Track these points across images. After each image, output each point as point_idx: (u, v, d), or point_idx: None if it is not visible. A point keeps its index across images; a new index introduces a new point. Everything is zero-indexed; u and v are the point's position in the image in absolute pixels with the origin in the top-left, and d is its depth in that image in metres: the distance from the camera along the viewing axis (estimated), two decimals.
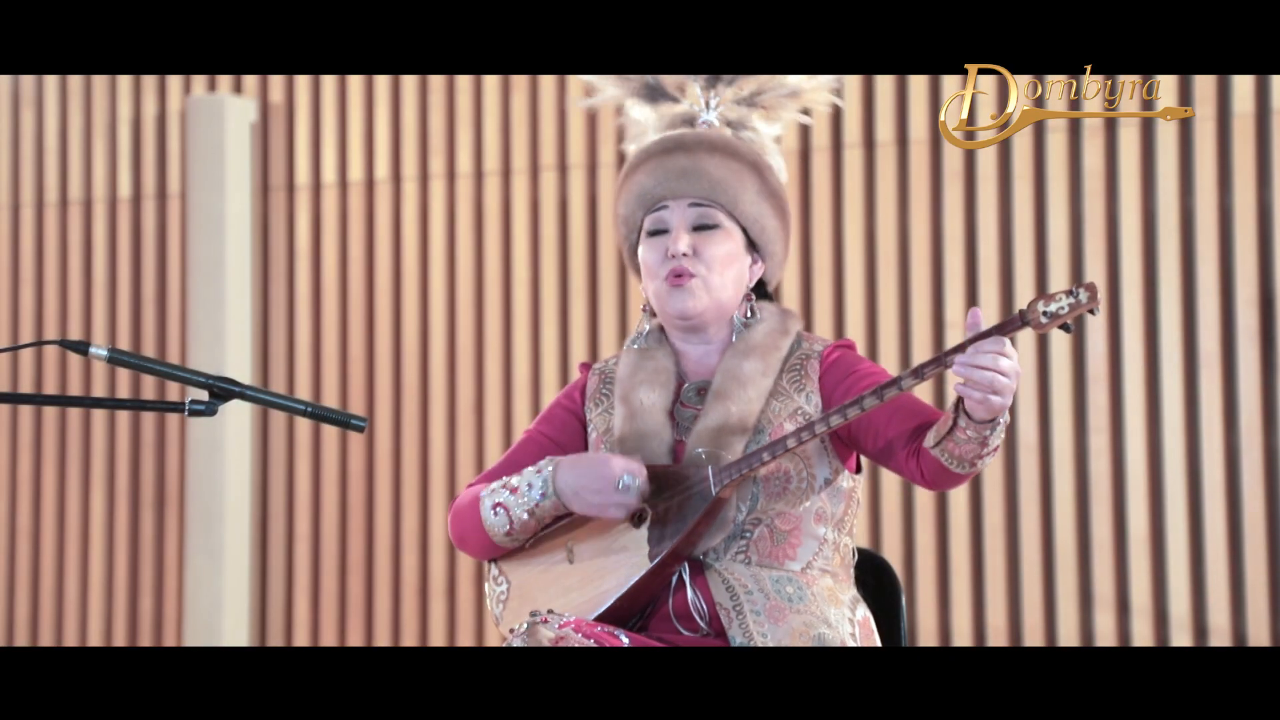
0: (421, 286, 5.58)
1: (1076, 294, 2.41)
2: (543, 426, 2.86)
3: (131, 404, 2.46)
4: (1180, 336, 4.77)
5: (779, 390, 2.72)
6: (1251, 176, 4.72)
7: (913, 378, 2.49)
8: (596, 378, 2.86)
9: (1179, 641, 4.72)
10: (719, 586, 2.62)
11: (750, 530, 2.66)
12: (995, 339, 2.41)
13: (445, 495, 5.49)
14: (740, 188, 2.76)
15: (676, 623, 2.64)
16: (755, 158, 2.82)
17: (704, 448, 2.66)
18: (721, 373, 2.73)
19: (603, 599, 2.64)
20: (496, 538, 2.73)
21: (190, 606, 5.59)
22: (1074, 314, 2.41)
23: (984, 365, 2.40)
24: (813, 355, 2.75)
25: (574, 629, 2.49)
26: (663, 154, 2.79)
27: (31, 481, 5.96)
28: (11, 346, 2.43)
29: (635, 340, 2.86)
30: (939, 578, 4.96)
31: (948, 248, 5.00)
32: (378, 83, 5.65)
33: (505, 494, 2.70)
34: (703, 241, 2.74)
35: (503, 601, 2.77)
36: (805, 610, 2.61)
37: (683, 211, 2.76)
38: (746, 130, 2.97)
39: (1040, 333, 2.48)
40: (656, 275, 2.77)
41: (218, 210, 5.64)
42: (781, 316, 2.81)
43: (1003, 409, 2.43)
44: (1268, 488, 4.69)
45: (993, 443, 2.48)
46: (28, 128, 6.06)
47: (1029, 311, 2.43)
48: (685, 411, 2.75)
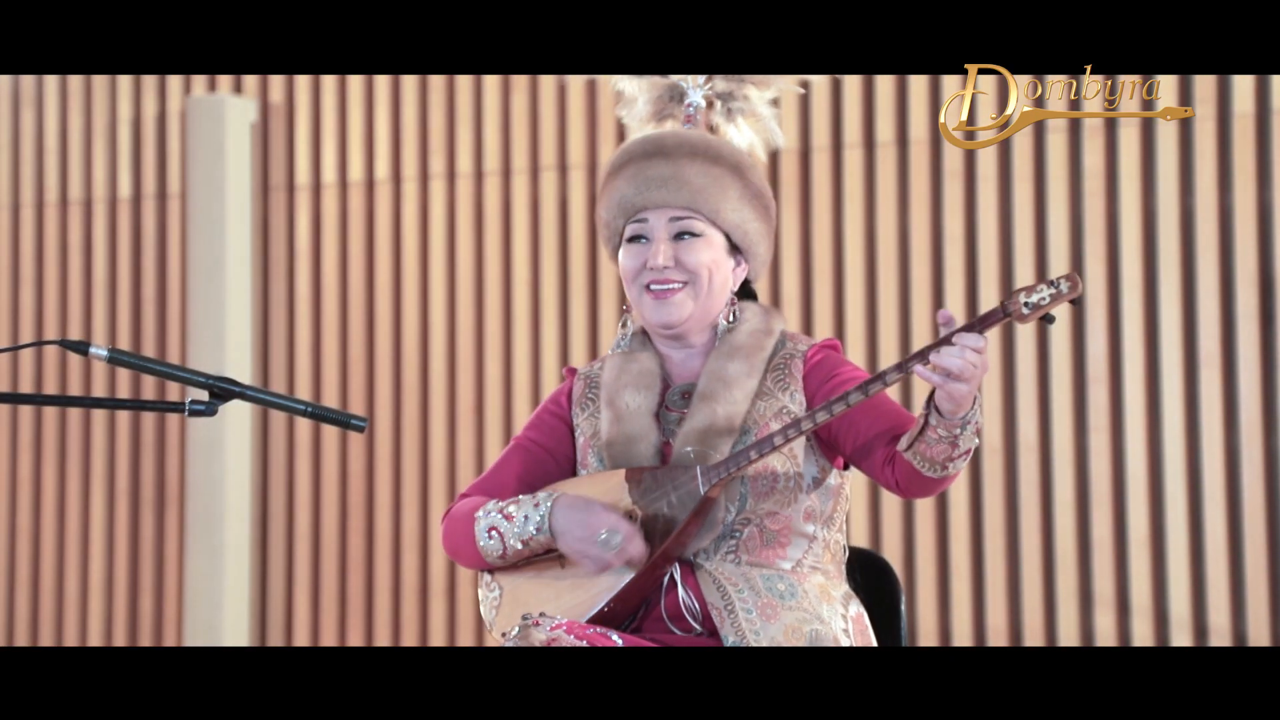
0: (421, 286, 5.58)
1: (1058, 284, 2.42)
2: (531, 433, 2.86)
3: (131, 404, 2.46)
4: (1180, 336, 4.77)
5: (764, 390, 2.71)
6: (1251, 176, 4.72)
7: (896, 371, 2.49)
8: (582, 382, 2.86)
9: (1179, 641, 4.72)
10: (710, 586, 2.63)
11: (739, 530, 2.66)
12: (975, 335, 2.42)
13: (445, 495, 5.49)
14: (721, 195, 2.75)
15: (670, 623, 2.64)
16: (737, 159, 2.80)
17: (692, 448, 2.66)
18: (707, 375, 2.73)
19: (594, 601, 2.64)
20: (489, 559, 2.74)
21: (190, 606, 5.58)
22: (1055, 304, 2.43)
23: (954, 355, 2.41)
24: (797, 355, 2.75)
25: (566, 630, 2.49)
26: (643, 159, 2.77)
27: (31, 481, 5.96)
28: (11, 346, 2.43)
29: (619, 344, 2.85)
30: (939, 578, 4.96)
31: (948, 248, 5.00)
32: (378, 83, 5.65)
33: (500, 520, 2.70)
34: (684, 250, 2.73)
35: (496, 607, 2.77)
36: (797, 607, 2.62)
37: (664, 223, 2.74)
38: (737, 100, 2.96)
39: (1023, 324, 2.49)
40: (635, 283, 2.77)
41: (218, 210, 5.64)
42: (765, 315, 2.80)
43: (965, 398, 2.43)
44: (1268, 488, 4.69)
45: (963, 444, 2.48)
46: (28, 128, 6.06)
47: (1010, 303, 2.44)
48: (671, 415, 2.75)
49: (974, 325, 2.44)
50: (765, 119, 2.98)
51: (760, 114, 2.98)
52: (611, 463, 2.73)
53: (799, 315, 5.12)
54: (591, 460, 2.77)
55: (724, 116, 3.00)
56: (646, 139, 2.82)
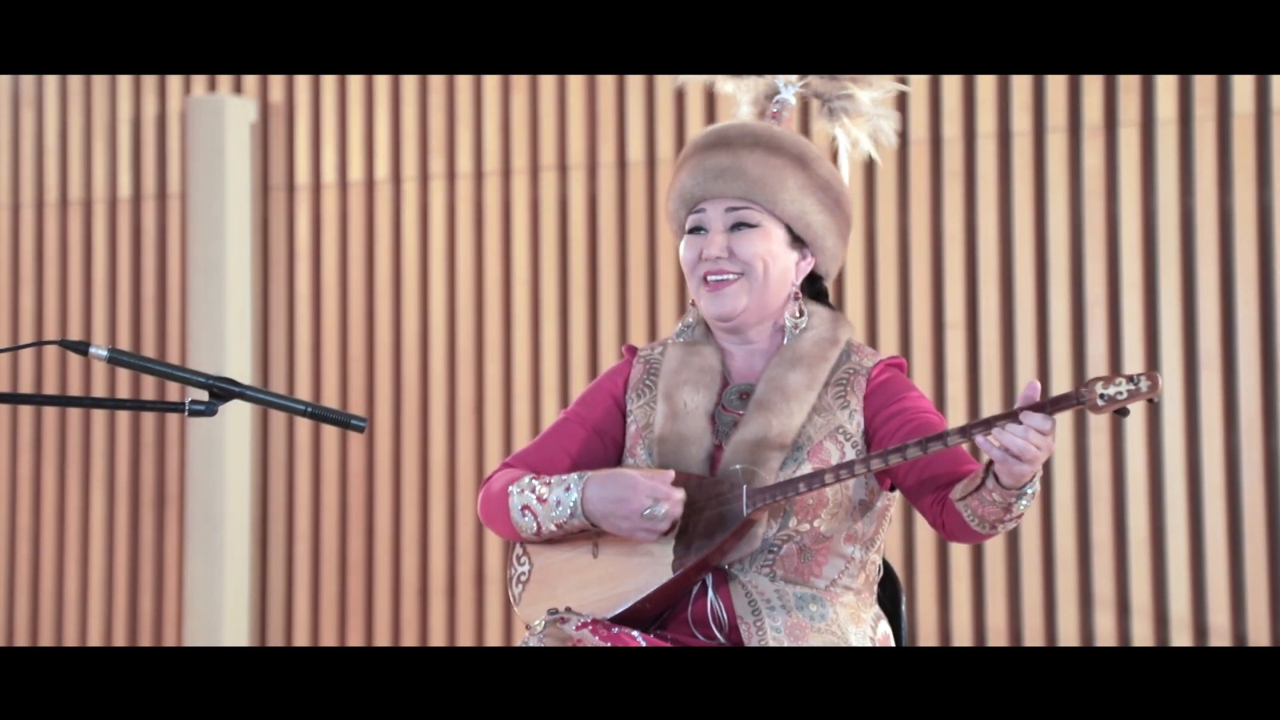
0: (421, 286, 5.58)
1: (1137, 382, 2.37)
2: (581, 409, 2.81)
3: (131, 404, 2.45)
4: (1180, 336, 4.77)
5: (822, 405, 2.66)
6: (1251, 177, 4.72)
7: (958, 435, 2.45)
8: (642, 366, 2.80)
9: (1179, 641, 4.72)
10: (740, 598, 2.60)
11: (779, 545, 2.62)
12: (1044, 417, 2.38)
13: (445, 495, 5.49)
14: (779, 185, 2.71)
15: (694, 628, 2.62)
16: (800, 150, 2.76)
17: (741, 463, 2.62)
18: (766, 381, 2.68)
19: (622, 600, 2.62)
20: (524, 535, 2.71)
21: (190, 606, 5.59)
22: (1132, 400, 2.37)
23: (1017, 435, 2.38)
24: (861, 371, 2.70)
25: (591, 630, 2.49)
26: (705, 150, 2.74)
27: (31, 481, 5.96)
28: (11, 346, 2.43)
29: (682, 333, 2.80)
30: (939, 578, 4.96)
31: (948, 248, 5.00)
32: (378, 83, 5.65)
33: (534, 500, 2.67)
34: (739, 241, 2.69)
35: (523, 583, 2.75)
36: (826, 630, 2.59)
37: (720, 214, 2.71)
38: (839, 99, 2.91)
39: (1096, 414, 2.45)
40: (693, 275, 2.73)
41: (218, 210, 5.64)
42: (833, 324, 2.75)
43: (1024, 477, 2.40)
44: (1268, 488, 4.68)
45: (1016, 510, 2.45)
46: (28, 128, 6.06)
47: (1087, 392, 2.39)
48: (726, 416, 2.70)
49: (1044, 406, 2.39)
50: (873, 117, 2.93)
51: (866, 112, 2.92)
52: (660, 459, 2.68)
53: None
54: (640, 452, 2.72)
55: (827, 117, 2.96)
56: (711, 130, 2.79)
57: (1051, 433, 2.39)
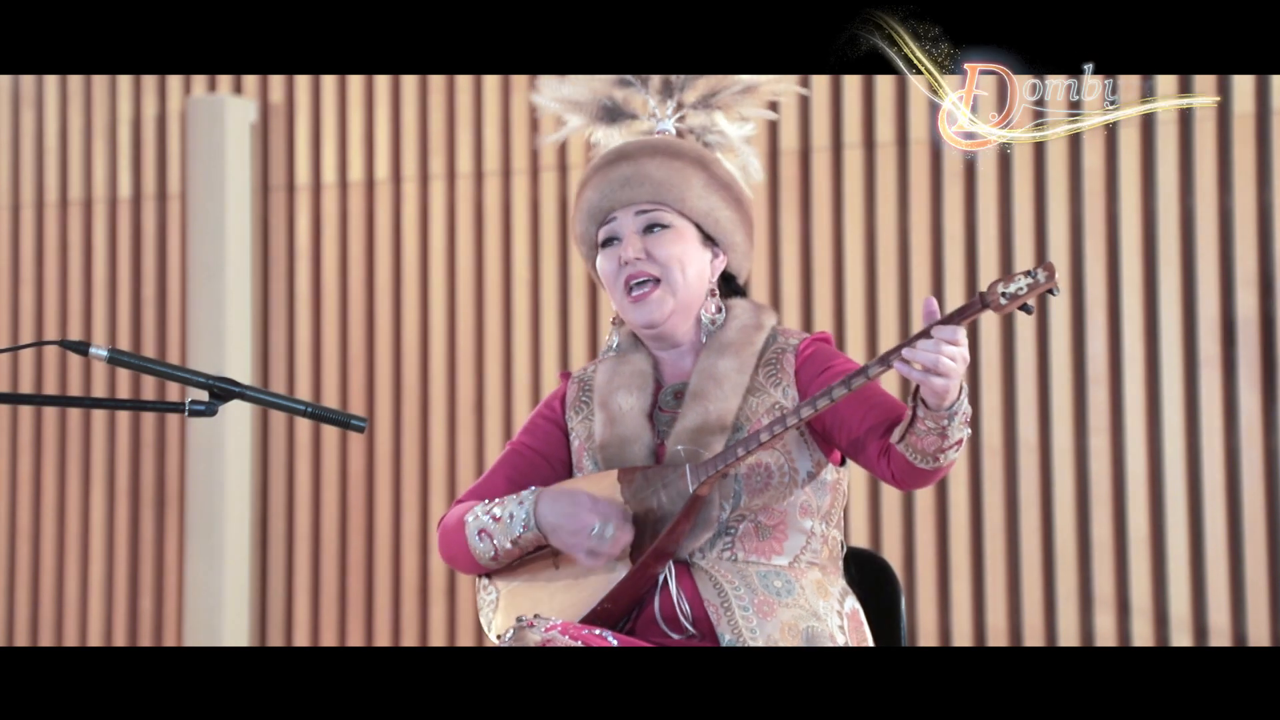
0: (421, 286, 5.58)
1: (1035, 274, 2.41)
2: (525, 438, 2.87)
3: (131, 404, 2.46)
4: (1180, 336, 4.76)
5: (755, 386, 2.71)
6: (1251, 177, 4.72)
7: (879, 365, 2.48)
8: (576, 386, 2.87)
9: (1179, 641, 4.72)
10: (706, 585, 2.62)
11: (735, 527, 2.66)
12: (951, 328, 2.42)
13: (445, 495, 5.49)
14: (684, 184, 2.76)
15: (663, 625, 2.64)
16: (698, 153, 2.82)
17: (683, 446, 2.66)
18: (698, 373, 2.73)
19: (588, 600, 2.64)
20: (483, 561, 2.75)
21: (190, 606, 5.58)
22: (1033, 294, 2.41)
23: (929, 349, 2.41)
24: (788, 349, 2.75)
25: (560, 631, 2.50)
26: (607, 166, 2.81)
27: (31, 481, 5.96)
28: (11, 346, 2.43)
29: (608, 351, 2.86)
30: (939, 578, 4.96)
31: (948, 248, 5.00)
32: (378, 83, 5.65)
33: (489, 521, 2.72)
34: (655, 243, 2.75)
35: (493, 607, 2.78)
36: (793, 604, 2.62)
37: (631, 219, 2.76)
38: (712, 134, 2.95)
39: (1001, 314, 2.49)
40: (616, 286, 2.78)
41: (218, 210, 5.64)
42: (755, 311, 2.80)
43: (945, 391, 2.43)
44: (1268, 488, 4.69)
45: (952, 435, 2.48)
46: (28, 128, 6.06)
47: (988, 293, 2.43)
48: (664, 415, 2.76)
49: (951, 318, 2.44)
50: (742, 153, 2.96)
51: (736, 148, 2.96)
52: (605, 464, 2.73)
53: (799, 315, 5.12)
54: (586, 463, 2.78)
55: None
56: (609, 150, 2.87)
57: (963, 343, 2.42)
